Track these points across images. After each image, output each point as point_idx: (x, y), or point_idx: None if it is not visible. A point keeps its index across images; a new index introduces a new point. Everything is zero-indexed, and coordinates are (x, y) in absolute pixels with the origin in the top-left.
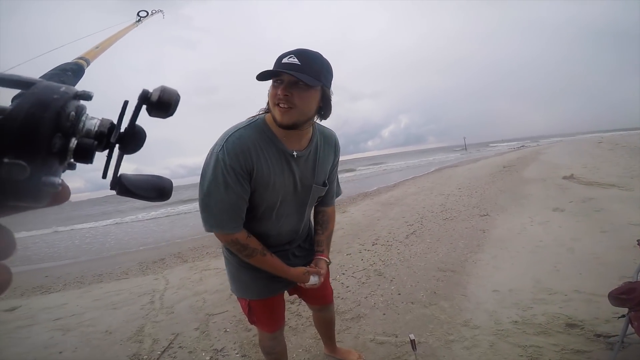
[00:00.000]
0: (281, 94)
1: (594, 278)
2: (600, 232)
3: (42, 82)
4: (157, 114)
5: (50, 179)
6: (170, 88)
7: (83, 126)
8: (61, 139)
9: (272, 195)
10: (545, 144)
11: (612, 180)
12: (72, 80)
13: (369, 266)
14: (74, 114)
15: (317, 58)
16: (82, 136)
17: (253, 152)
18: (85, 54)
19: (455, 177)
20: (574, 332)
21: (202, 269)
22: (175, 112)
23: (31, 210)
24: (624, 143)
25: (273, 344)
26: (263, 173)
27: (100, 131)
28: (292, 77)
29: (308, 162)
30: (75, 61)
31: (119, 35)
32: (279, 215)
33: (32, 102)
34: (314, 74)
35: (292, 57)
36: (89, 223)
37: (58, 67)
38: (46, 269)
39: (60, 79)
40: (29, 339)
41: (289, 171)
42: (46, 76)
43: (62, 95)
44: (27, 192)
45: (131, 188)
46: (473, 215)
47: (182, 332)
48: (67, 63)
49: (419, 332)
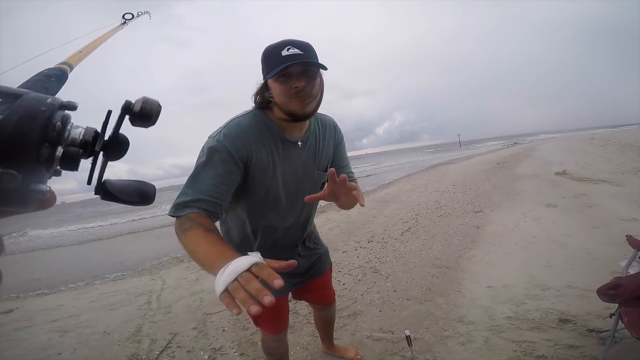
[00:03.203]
0: (299, 86)
1: (587, 273)
2: (592, 228)
3: (30, 93)
4: (139, 123)
5: (38, 186)
6: (152, 99)
7: (68, 135)
8: (48, 148)
9: (272, 182)
10: (538, 141)
11: (603, 176)
12: (56, 87)
13: (364, 263)
14: (59, 124)
15: (310, 44)
16: (68, 145)
17: (252, 138)
18: (68, 58)
19: (449, 174)
20: (567, 327)
21: (198, 269)
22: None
23: (18, 214)
24: (615, 139)
25: (277, 346)
26: (262, 159)
27: (85, 140)
28: (300, 68)
29: (309, 148)
30: (58, 66)
31: (103, 39)
32: (283, 205)
33: (21, 114)
34: (316, 59)
35: (291, 47)
36: (85, 223)
37: (41, 73)
38: (40, 270)
39: (44, 85)
40: (26, 341)
41: (291, 158)
42: (30, 82)
43: (49, 107)
44: (16, 198)
45: (115, 193)
46: (467, 212)
47: (180, 332)
48: (50, 69)
49: (414, 328)
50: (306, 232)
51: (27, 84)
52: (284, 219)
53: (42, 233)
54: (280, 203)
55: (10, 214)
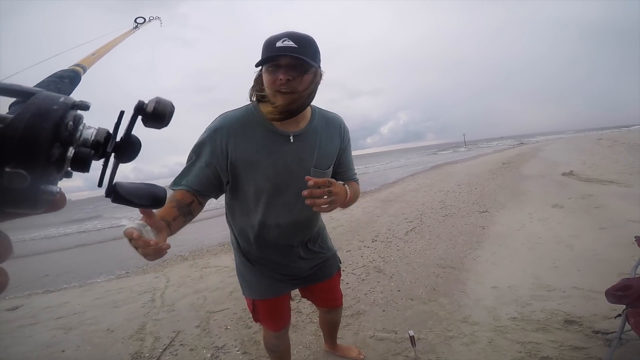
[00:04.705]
0: (283, 78)
1: (593, 275)
2: (599, 229)
3: (42, 92)
4: (152, 124)
5: (48, 188)
6: (165, 99)
7: (80, 135)
8: (59, 149)
9: (259, 176)
10: (544, 141)
11: (611, 177)
12: (69, 88)
13: (368, 263)
14: (71, 124)
15: (309, 39)
16: (79, 145)
17: (232, 130)
18: (81, 60)
19: (454, 173)
20: (573, 328)
21: (202, 267)
22: (170, 122)
23: (27, 216)
24: (623, 140)
25: (277, 343)
26: (244, 150)
27: (96, 140)
28: (289, 61)
29: (306, 143)
30: (72, 68)
31: (116, 42)
32: (274, 201)
33: (33, 112)
34: (311, 55)
35: (287, 40)
36: (87, 223)
37: (55, 74)
38: (47, 268)
39: (57, 86)
40: (31, 338)
41: (281, 152)
42: (43, 83)
43: (61, 106)
44: (26, 199)
45: (126, 196)
46: (472, 212)
47: (183, 330)
48: (64, 70)
49: (418, 328)
50: (307, 233)
51: (40, 84)
52: (276, 216)
53: (49, 232)
54: (270, 198)
55: (19, 215)
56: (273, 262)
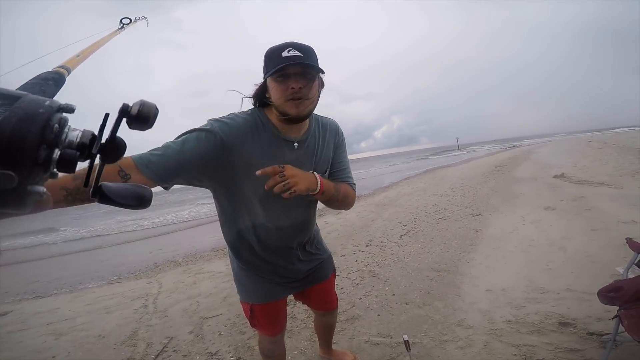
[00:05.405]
0: (296, 87)
1: (586, 276)
2: (591, 231)
3: (28, 95)
4: (136, 126)
5: (35, 188)
6: (149, 102)
7: (66, 137)
8: (46, 150)
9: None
10: (536, 144)
11: (602, 179)
12: (54, 90)
13: (363, 267)
14: (57, 127)
15: (311, 48)
16: (65, 147)
17: (243, 131)
18: (66, 62)
19: (448, 177)
20: (567, 330)
21: (195, 273)
22: (154, 125)
23: (14, 217)
24: (612, 142)
25: (273, 348)
26: (248, 152)
27: (82, 142)
28: (298, 69)
29: (307, 149)
30: (56, 70)
31: (101, 43)
32: (275, 203)
33: (20, 116)
34: (316, 63)
35: (292, 49)
36: (81, 227)
37: (39, 76)
38: (38, 273)
39: (41, 88)
40: (21, 344)
41: (285, 158)
42: (27, 85)
43: (47, 109)
44: (13, 200)
45: (111, 196)
46: (466, 215)
47: (176, 336)
48: (48, 72)
49: (413, 332)
50: (305, 235)
51: (24, 86)
52: (277, 218)
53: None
54: (271, 201)
55: (5, 215)
56: (273, 265)
